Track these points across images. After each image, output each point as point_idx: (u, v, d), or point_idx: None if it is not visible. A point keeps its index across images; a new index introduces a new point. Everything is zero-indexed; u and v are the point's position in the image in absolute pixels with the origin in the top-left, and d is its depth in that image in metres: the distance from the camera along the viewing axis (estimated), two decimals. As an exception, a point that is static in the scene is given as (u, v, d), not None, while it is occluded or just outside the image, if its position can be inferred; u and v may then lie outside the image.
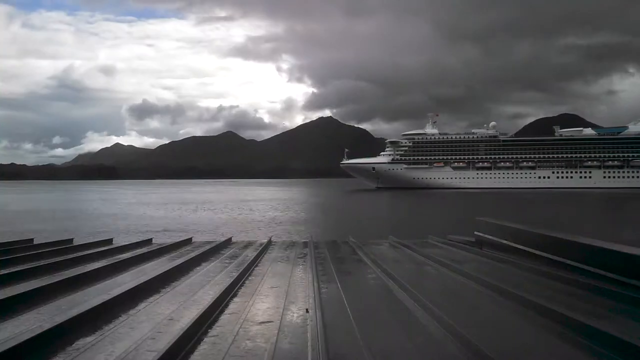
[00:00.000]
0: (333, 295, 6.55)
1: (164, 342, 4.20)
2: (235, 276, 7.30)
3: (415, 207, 61.05)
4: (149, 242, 13.28)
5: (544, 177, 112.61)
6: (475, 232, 11.02)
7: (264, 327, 4.96)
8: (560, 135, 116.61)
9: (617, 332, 4.25)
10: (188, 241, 13.44)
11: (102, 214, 49.04)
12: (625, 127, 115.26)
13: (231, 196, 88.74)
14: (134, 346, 4.27)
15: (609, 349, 4.11)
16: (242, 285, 7.12)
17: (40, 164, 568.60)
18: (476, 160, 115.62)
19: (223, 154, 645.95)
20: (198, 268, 8.79)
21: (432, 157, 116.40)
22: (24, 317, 5.16)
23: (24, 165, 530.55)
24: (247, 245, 12.93)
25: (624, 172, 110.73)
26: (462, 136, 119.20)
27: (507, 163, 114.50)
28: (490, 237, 10.18)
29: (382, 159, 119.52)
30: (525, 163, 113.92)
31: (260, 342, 4.49)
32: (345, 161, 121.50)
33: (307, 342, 4.40)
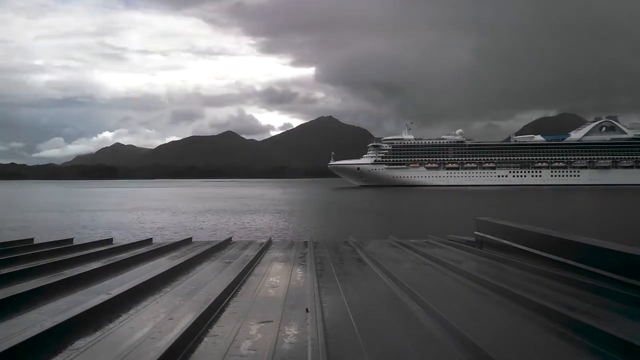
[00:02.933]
0: (333, 295, 6.55)
1: (164, 341, 4.20)
2: (235, 276, 7.29)
3: (394, 201, 73.21)
4: (148, 241, 13.28)
5: (503, 176, 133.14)
6: (475, 232, 11.01)
7: (264, 327, 4.96)
8: (515, 141, 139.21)
9: (617, 332, 4.25)
10: (188, 241, 13.45)
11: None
12: (568, 135, 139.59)
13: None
14: (134, 346, 4.27)
15: (609, 348, 4.11)
16: (242, 285, 7.12)
17: (39, 164, 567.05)
18: (446, 162, 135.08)
19: (223, 154, 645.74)
20: (198, 268, 8.78)
21: (409, 159, 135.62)
22: (24, 317, 5.15)
23: (24, 165, 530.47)
24: (247, 245, 12.93)
25: (567, 171, 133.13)
26: (433, 141, 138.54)
27: (472, 164, 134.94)
28: (490, 237, 10.18)
29: (365, 160, 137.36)
30: (487, 164, 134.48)
31: (260, 342, 4.49)
32: (332, 162, 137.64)
33: (307, 342, 4.40)
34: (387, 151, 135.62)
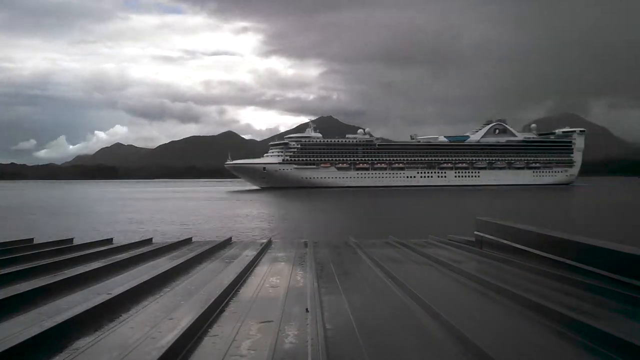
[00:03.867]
0: (333, 295, 6.55)
1: (164, 341, 4.20)
2: (235, 276, 7.29)
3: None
4: (149, 241, 13.28)
5: (411, 177, 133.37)
6: (475, 232, 11.02)
7: (264, 327, 4.96)
8: (418, 141, 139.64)
9: (617, 331, 4.25)
10: (188, 241, 13.45)
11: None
12: (468, 136, 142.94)
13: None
14: (134, 346, 4.28)
15: (608, 348, 4.12)
16: (242, 285, 7.12)
17: (39, 164, 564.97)
18: (357, 162, 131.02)
19: (223, 154, 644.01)
20: (198, 268, 8.79)
21: (320, 159, 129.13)
22: (24, 317, 5.16)
23: (24, 165, 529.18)
24: (247, 245, 12.93)
25: (469, 172, 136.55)
26: (342, 140, 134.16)
27: (382, 164, 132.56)
28: (490, 237, 10.18)
29: (271, 159, 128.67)
30: (396, 164, 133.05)
31: (260, 342, 4.49)
32: (229, 162, 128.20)
33: (307, 342, 4.40)
34: (295, 150, 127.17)
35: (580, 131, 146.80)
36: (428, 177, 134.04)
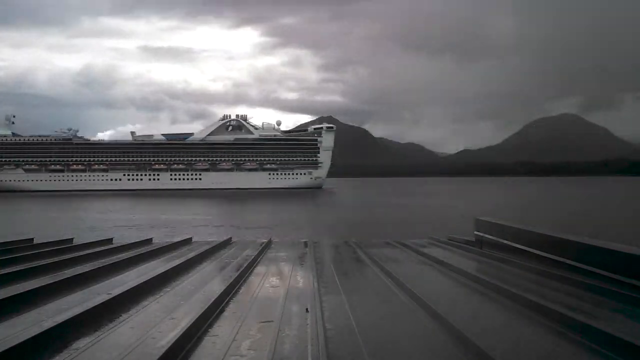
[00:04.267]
0: (333, 295, 6.56)
1: (164, 341, 4.21)
2: (235, 276, 7.30)
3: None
4: (149, 241, 13.29)
5: (116, 179, 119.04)
6: (475, 232, 11.02)
7: (264, 327, 4.97)
8: (134, 140, 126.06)
9: (617, 332, 4.25)
10: (188, 241, 13.46)
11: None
12: (192, 134, 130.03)
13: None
14: (134, 346, 4.28)
15: (608, 348, 4.12)
16: (242, 285, 7.12)
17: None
18: (49, 163, 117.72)
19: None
20: (198, 268, 8.79)
21: (3, 160, 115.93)
22: (24, 316, 5.16)
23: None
24: (247, 245, 12.93)
25: (188, 174, 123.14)
26: (35, 138, 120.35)
27: (80, 166, 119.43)
28: (490, 237, 10.18)
29: None
30: (97, 166, 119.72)
31: (260, 342, 4.49)
32: None
33: (307, 342, 4.41)
34: None
35: (328, 127, 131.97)
36: (138, 180, 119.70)
